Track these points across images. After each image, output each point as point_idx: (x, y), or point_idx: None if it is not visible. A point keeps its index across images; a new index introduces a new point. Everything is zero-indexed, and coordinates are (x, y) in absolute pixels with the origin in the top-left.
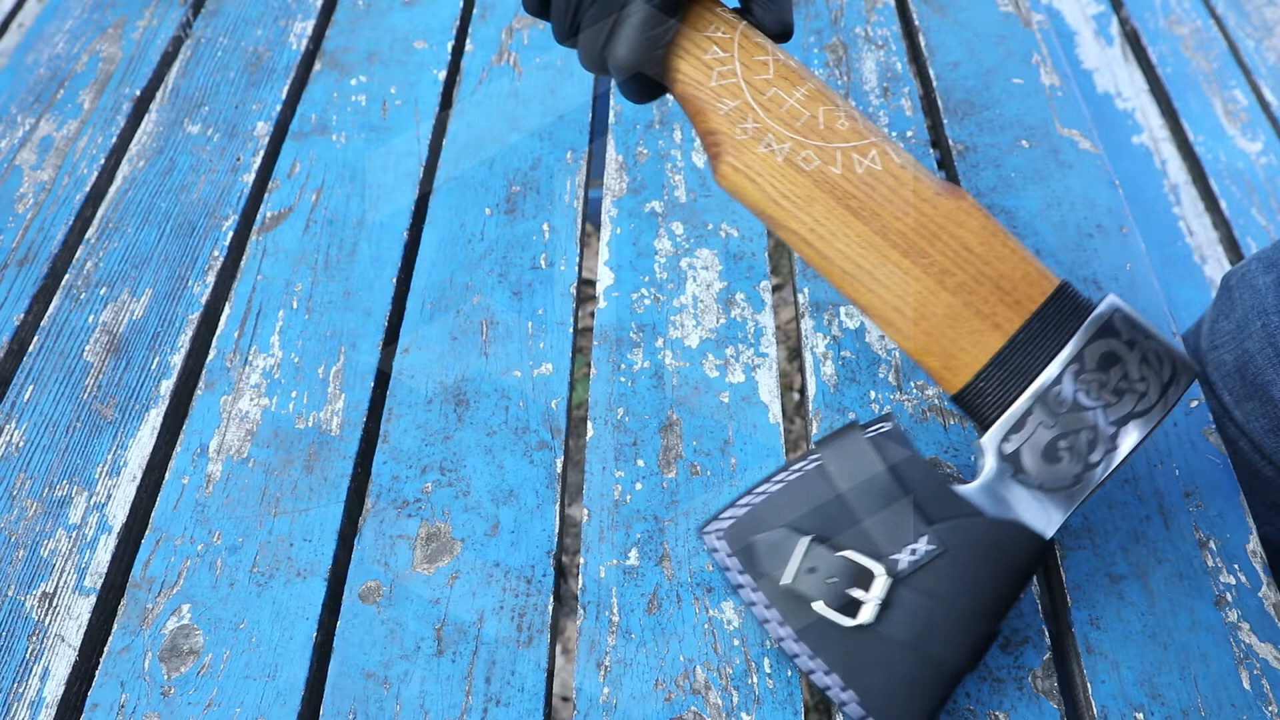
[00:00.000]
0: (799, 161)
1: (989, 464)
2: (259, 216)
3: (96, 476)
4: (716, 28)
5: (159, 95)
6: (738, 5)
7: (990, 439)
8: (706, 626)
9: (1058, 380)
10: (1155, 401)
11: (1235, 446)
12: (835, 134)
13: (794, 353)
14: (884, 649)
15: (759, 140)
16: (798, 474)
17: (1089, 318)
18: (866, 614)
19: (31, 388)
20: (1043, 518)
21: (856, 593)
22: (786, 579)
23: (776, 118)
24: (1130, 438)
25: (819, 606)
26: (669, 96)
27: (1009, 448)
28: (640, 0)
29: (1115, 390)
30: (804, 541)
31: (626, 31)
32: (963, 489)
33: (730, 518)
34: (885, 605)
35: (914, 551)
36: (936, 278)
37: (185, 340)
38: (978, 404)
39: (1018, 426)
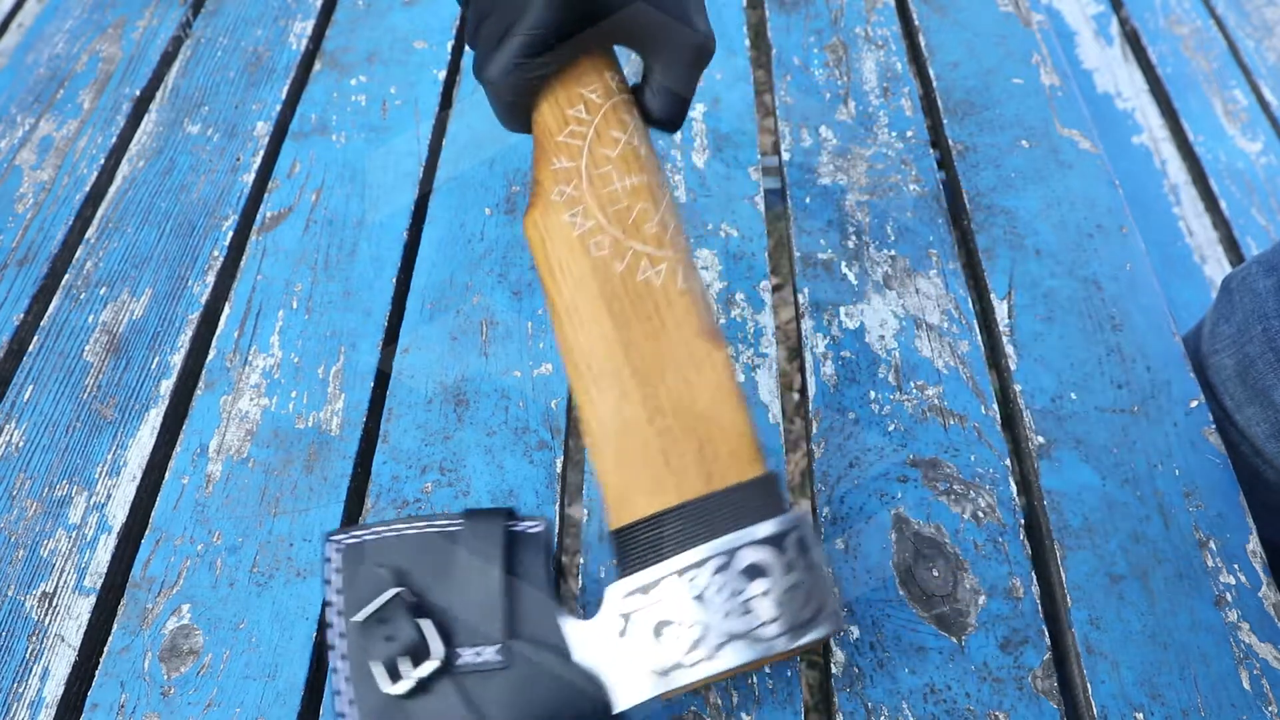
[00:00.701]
0: (591, 244)
1: (603, 612)
2: (259, 216)
3: (96, 476)
4: (595, 89)
5: (159, 95)
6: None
7: (616, 589)
8: None
9: (698, 566)
10: (773, 636)
11: (1236, 450)
12: (637, 233)
13: (794, 353)
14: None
15: (569, 208)
16: (433, 530)
17: (761, 522)
18: (402, 687)
19: (31, 388)
20: (622, 688)
21: (407, 663)
22: (360, 617)
23: (595, 194)
24: (726, 658)
25: (373, 659)
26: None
27: (627, 607)
28: (525, 29)
29: (744, 605)
30: (393, 592)
31: (503, 54)
32: (568, 621)
33: (357, 537)
34: (423, 688)
35: (479, 654)
36: (650, 413)
37: (185, 340)
38: (625, 550)
39: (644, 590)
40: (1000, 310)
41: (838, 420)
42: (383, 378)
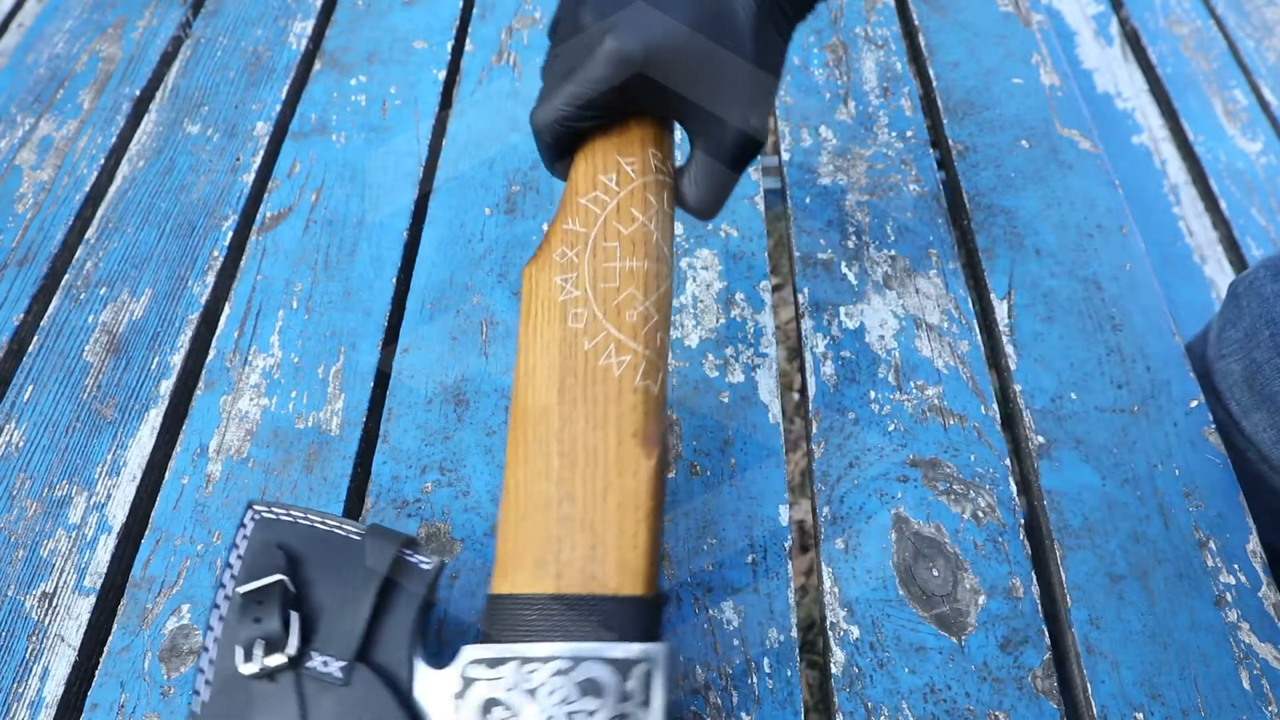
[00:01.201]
0: (571, 314)
1: (452, 668)
2: (259, 216)
3: (96, 476)
4: (634, 163)
5: (159, 95)
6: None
7: (468, 651)
8: (706, 626)
9: (543, 661)
10: None
11: (1242, 456)
12: (617, 318)
13: (794, 353)
14: (239, 701)
15: (563, 272)
16: (339, 532)
17: (617, 643)
18: (250, 669)
19: (31, 388)
20: None
21: (261, 648)
22: (242, 590)
23: (592, 266)
24: None
25: (237, 634)
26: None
27: (471, 673)
28: (578, 81)
29: (569, 715)
30: (276, 579)
31: (553, 98)
32: (424, 667)
33: (274, 514)
34: (269, 676)
35: (326, 664)
36: (560, 496)
37: (185, 340)
38: (491, 616)
39: (490, 663)
40: (1000, 310)
41: (838, 420)
42: (383, 378)
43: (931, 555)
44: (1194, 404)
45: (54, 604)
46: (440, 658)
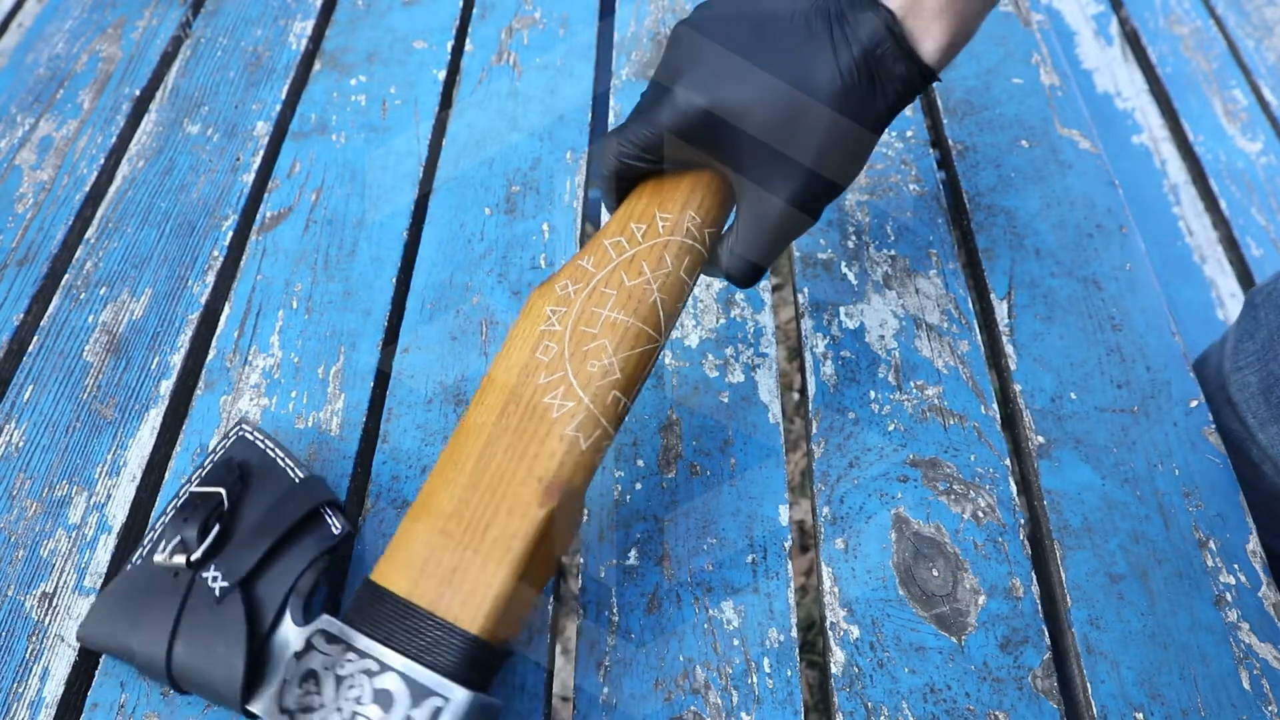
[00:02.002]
0: (543, 344)
1: (308, 628)
2: (259, 216)
3: (96, 476)
4: (668, 221)
5: (159, 95)
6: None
7: (322, 621)
8: (706, 626)
9: (359, 655)
10: None
11: (1258, 470)
12: (580, 362)
13: (794, 353)
14: (145, 582)
15: (556, 303)
16: (289, 472)
17: (430, 671)
18: (161, 558)
19: (31, 388)
20: (259, 694)
21: (174, 545)
22: (190, 490)
23: (584, 309)
24: None
25: (165, 530)
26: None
27: (314, 641)
28: (641, 122)
29: (353, 714)
30: (216, 490)
31: (618, 132)
32: (290, 618)
33: (253, 438)
34: (173, 571)
35: (215, 579)
36: (451, 511)
37: (185, 340)
38: (357, 595)
39: (329, 639)
40: (1000, 310)
41: (838, 420)
42: (383, 378)
43: (931, 555)
44: (1194, 404)
45: (54, 604)
46: (311, 616)
